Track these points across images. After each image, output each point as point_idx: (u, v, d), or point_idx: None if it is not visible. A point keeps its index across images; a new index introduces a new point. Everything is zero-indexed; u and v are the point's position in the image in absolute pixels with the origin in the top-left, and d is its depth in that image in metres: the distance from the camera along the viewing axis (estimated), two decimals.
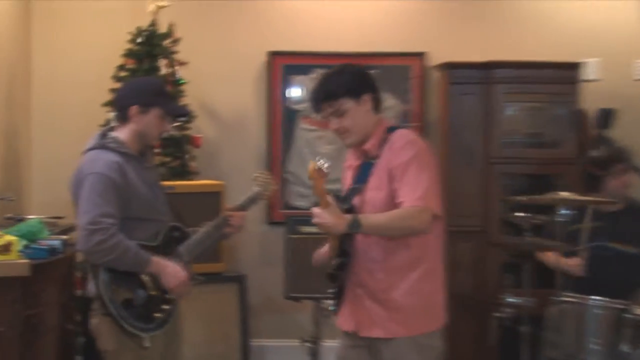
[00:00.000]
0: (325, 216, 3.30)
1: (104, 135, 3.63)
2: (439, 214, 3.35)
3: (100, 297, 3.41)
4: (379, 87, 3.53)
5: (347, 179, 3.63)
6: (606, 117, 5.96)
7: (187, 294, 3.66)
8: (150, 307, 3.51)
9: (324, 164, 3.36)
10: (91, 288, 3.51)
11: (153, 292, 3.52)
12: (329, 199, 3.34)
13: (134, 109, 3.59)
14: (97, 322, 3.50)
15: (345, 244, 3.45)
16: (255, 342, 5.89)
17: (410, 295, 3.40)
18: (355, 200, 3.46)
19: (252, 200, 3.98)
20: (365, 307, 3.45)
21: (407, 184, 3.32)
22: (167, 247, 3.64)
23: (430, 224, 3.32)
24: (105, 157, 3.49)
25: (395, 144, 3.41)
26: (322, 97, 3.46)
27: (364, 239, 3.41)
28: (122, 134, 3.62)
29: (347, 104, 3.43)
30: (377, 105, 3.51)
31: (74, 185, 3.51)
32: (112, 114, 5.41)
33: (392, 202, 3.35)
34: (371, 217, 3.32)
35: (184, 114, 3.92)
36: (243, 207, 3.92)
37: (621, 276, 4.74)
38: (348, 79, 3.46)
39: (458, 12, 6.29)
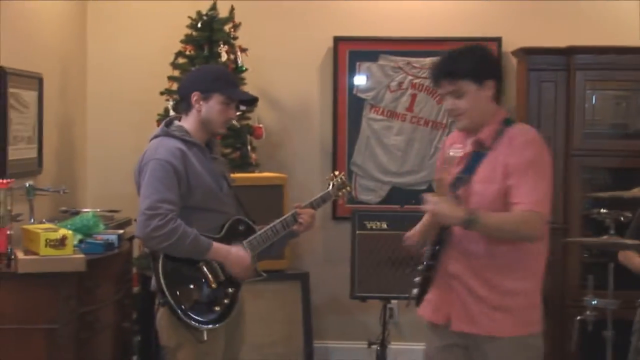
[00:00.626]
0: (443, 206, 3.31)
1: (169, 124, 3.73)
2: (548, 220, 3.36)
3: (159, 286, 3.50)
4: (503, 76, 3.56)
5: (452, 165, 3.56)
6: None
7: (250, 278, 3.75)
8: (209, 300, 3.59)
9: (458, 152, 3.46)
10: (153, 281, 3.58)
11: (213, 285, 3.59)
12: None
13: (195, 96, 3.66)
14: (159, 316, 3.60)
15: (441, 233, 3.45)
16: (319, 344, 5.88)
17: (515, 294, 3.40)
18: (461, 191, 3.42)
19: (323, 200, 4.02)
20: (462, 300, 3.42)
21: (525, 186, 3.30)
22: (231, 240, 3.69)
23: (542, 231, 3.34)
24: (168, 144, 3.58)
25: (517, 139, 3.38)
26: (444, 74, 3.43)
27: (466, 230, 3.37)
28: (187, 123, 3.71)
29: (468, 86, 3.39)
30: (498, 94, 3.48)
31: (137, 173, 3.63)
32: (170, 103, 5.47)
33: (501, 199, 3.34)
34: (487, 217, 3.29)
35: (249, 100, 3.94)
36: (313, 206, 3.94)
37: None
38: (475, 60, 3.43)
39: None
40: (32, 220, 4.63)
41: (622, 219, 4.77)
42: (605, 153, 5.68)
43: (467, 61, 3.41)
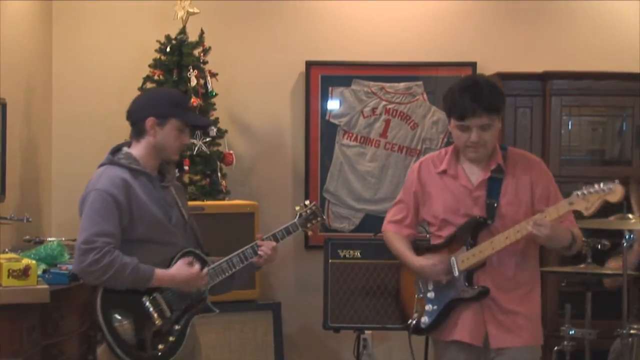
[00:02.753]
0: (557, 230, 3.65)
1: (117, 150, 3.65)
2: None
3: (97, 322, 3.41)
4: None
5: (452, 187, 3.85)
6: None
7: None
8: (153, 338, 3.49)
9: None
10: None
11: (157, 322, 3.51)
12: None
13: (150, 122, 3.59)
14: (99, 352, 3.55)
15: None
16: None
17: (535, 305, 3.84)
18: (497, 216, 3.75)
19: (288, 232, 3.88)
20: (497, 318, 3.74)
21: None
22: None
23: None
24: (112, 173, 3.51)
25: (536, 163, 3.86)
26: (489, 109, 3.66)
27: (498, 255, 3.73)
28: (137, 149, 3.63)
29: (496, 120, 3.71)
30: None
31: (80, 203, 3.56)
32: None
33: (527, 219, 3.68)
34: (577, 236, 3.78)
35: (205, 125, 3.89)
36: (277, 238, 3.84)
37: None
38: (503, 97, 3.77)
39: (511, 18, 6.24)
40: None
41: (599, 247, 4.80)
42: (582, 180, 5.65)
43: (501, 97, 3.74)
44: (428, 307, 3.83)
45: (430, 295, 3.85)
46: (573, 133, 5.83)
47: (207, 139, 5.61)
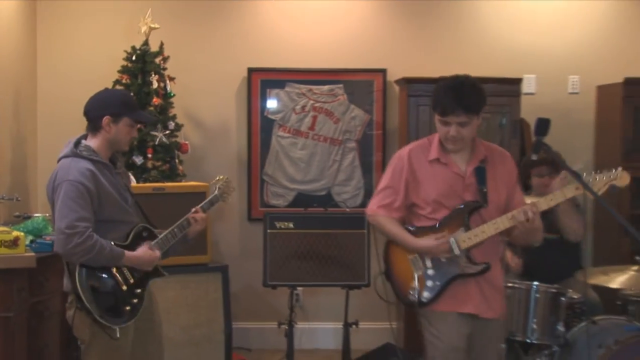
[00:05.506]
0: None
1: (77, 144, 3.55)
2: None
3: (76, 292, 3.34)
4: None
5: (446, 176, 3.57)
6: (543, 125, 5.90)
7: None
8: (120, 301, 3.45)
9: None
10: (67, 284, 3.46)
11: (124, 288, 3.47)
12: None
13: (106, 120, 3.51)
14: (71, 314, 3.42)
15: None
16: (237, 325, 5.84)
17: (502, 280, 3.70)
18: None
19: (211, 203, 3.88)
20: (484, 292, 3.53)
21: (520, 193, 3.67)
22: (136, 246, 3.58)
23: None
24: (78, 165, 3.42)
25: (508, 156, 3.66)
26: (465, 108, 3.42)
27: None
28: (94, 142, 3.54)
29: (473, 119, 3.46)
30: None
31: (50, 191, 3.46)
32: None
33: (506, 204, 3.56)
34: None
35: (151, 121, 3.83)
36: (203, 209, 3.81)
37: (553, 263, 4.80)
38: (483, 98, 3.48)
39: (415, 33, 6.25)
40: None
41: None
42: None
43: (480, 99, 3.46)
44: (429, 283, 3.52)
45: (430, 272, 3.53)
46: None
47: (167, 132, 5.60)
